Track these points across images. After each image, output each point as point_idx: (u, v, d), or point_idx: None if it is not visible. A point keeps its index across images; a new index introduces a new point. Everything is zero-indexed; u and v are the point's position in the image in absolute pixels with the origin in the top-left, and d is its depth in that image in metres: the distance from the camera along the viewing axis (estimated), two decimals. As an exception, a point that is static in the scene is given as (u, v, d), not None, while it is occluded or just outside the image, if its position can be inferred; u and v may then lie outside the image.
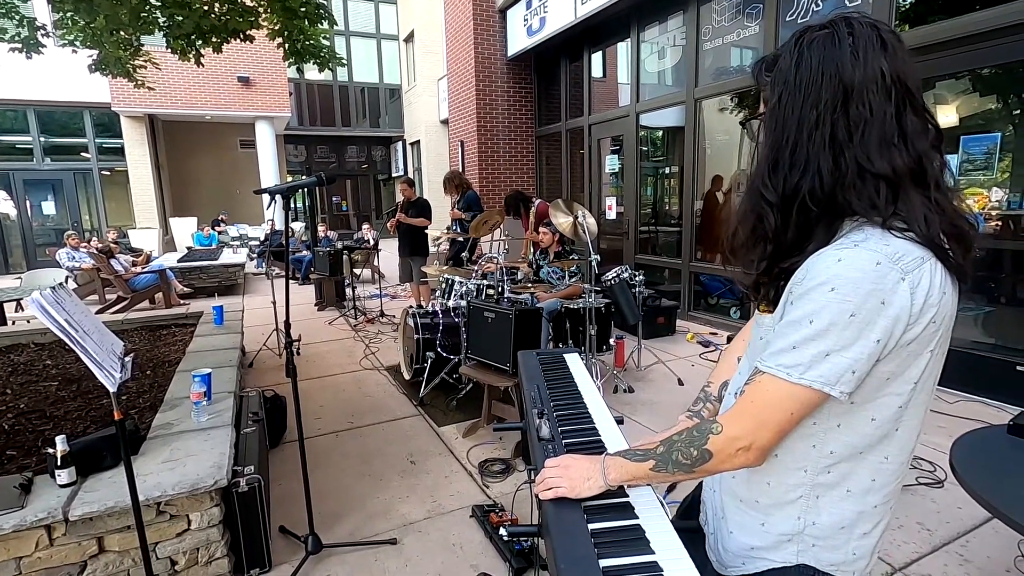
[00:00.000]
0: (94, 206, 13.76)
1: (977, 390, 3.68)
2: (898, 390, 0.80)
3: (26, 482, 1.91)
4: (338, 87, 17.86)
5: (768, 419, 0.81)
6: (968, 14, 3.62)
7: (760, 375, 0.83)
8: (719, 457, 0.85)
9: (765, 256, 0.86)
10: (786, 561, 0.91)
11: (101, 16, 4.20)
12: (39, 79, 11.44)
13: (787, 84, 0.81)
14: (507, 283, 4.06)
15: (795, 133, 0.80)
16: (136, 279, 7.51)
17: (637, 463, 0.94)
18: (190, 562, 2.08)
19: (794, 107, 0.80)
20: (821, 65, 0.78)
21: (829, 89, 0.77)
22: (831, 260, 0.75)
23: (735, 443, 0.83)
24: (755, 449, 0.83)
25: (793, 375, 0.78)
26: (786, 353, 0.79)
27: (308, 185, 2.21)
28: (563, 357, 1.77)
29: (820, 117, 0.78)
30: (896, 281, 0.72)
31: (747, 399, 0.84)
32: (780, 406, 0.80)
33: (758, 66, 0.89)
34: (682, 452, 0.89)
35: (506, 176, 8.80)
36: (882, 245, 0.74)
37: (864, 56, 0.76)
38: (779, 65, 0.83)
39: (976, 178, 3.70)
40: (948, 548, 2.26)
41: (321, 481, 2.84)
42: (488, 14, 8.43)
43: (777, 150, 0.82)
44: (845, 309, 0.73)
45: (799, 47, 0.80)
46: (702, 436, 0.87)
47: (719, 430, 0.85)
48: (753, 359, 0.95)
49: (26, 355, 4.00)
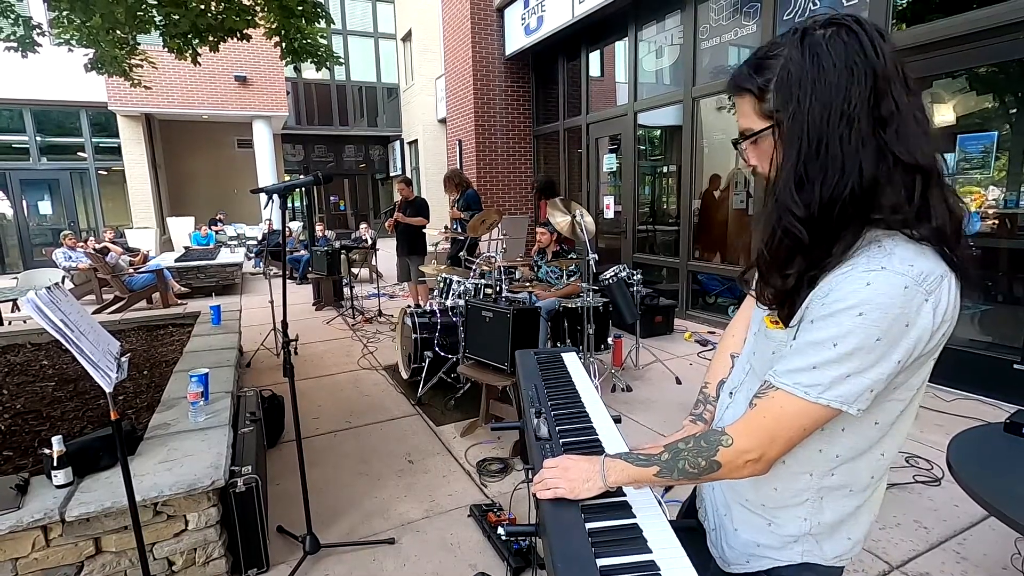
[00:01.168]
0: (91, 206, 13.73)
1: (974, 388, 3.69)
2: (902, 396, 0.82)
3: (22, 483, 1.90)
4: (336, 86, 17.83)
5: (780, 434, 0.82)
6: (964, 13, 3.63)
7: (774, 390, 0.82)
8: (727, 468, 0.86)
9: (796, 271, 0.80)
10: (791, 560, 0.93)
11: (97, 15, 4.19)
12: (35, 78, 11.40)
13: (812, 85, 0.74)
14: (505, 282, 4.06)
15: (826, 136, 0.74)
16: (133, 279, 7.49)
17: (640, 468, 0.93)
18: (187, 562, 2.07)
19: (820, 108, 0.74)
20: (847, 61, 0.73)
21: (860, 84, 0.73)
22: (859, 284, 0.73)
23: (745, 455, 0.84)
24: (764, 461, 0.84)
25: (811, 394, 0.78)
26: (805, 372, 0.78)
27: (305, 184, 2.20)
28: (561, 356, 1.77)
29: (853, 114, 0.73)
30: (921, 303, 0.72)
31: (759, 413, 0.84)
32: (794, 423, 0.80)
33: (746, 78, 0.81)
34: (689, 462, 0.88)
35: (504, 175, 8.80)
36: (907, 267, 0.72)
37: (881, 49, 0.74)
38: (785, 68, 0.76)
39: (973, 177, 3.71)
40: (945, 546, 2.27)
41: (319, 481, 2.83)
42: (486, 13, 8.42)
43: (805, 160, 0.76)
44: (872, 334, 0.73)
45: (809, 46, 0.75)
46: (711, 448, 0.86)
47: (729, 443, 0.85)
48: (759, 367, 0.94)
49: (22, 355, 3.99)
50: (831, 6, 4.50)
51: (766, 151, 0.83)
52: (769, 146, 0.82)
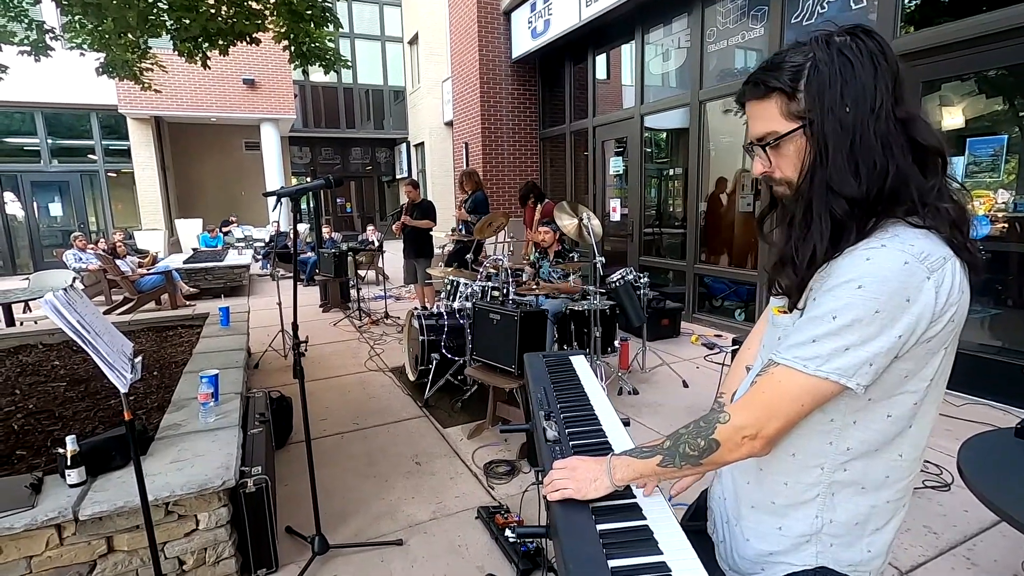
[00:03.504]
0: (100, 208, 13.85)
1: (984, 393, 3.67)
2: (914, 388, 0.82)
3: (36, 482, 1.92)
4: (342, 89, 17.92)
5: (778, 409, 0.82)
6: (974, 16, 3.62)
7: (774, 367, 0.83)
8: (726, 447, 0.85)
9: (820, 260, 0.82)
10: (806, 564, 0.91)
11: (109, 19, 4.23)
12: (47, 82, 11.52)
13: (845, 83, 0.78)
14: (512, 285, 4.07)
15: (860, 131, 0.78)
16: (142, 280, 7.56)
17: (643, 460, 0.94)
18: (198, 562, 2.09)
19: (853, 104, 0.78)
20: (874, 60, 0.78)
21: (884, 80, 0.78)
22: (859, 259, 0.76)
23: (741, 431, 0.84)
24: (761, 438, 0.83)
25: (810, 367, 0.78)
26: (804, 346, 0.79)
27: (316, 188, 2.22)
28: (569, 359, 1.78)
29: (881, 108, 0.78)
30: (922, 279, 0.74)
31: (758, 389, 0.84)
32: (792, 397, 0.81)
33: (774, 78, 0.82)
34: (689, 444, 0.89)
35: (510, 178, 8.81)
36: (908, 245, 0.75)
37: (893, 55, 0.80)
38: (814, 68, 0.79)
39: (982, 180, 3.69)
40: (955, 551, 2.26)
41: (327, 482, 2.85)
42: (493, 16, 8.45)
43: (844, 154, 0.79)
44: (870, 306, 0.74)
45: (838, 49, 0.79)
46: (709, 426, 0.87)
47: (726, 419, 0.85)
48: (767, 357, 0.95)
49: (34, 356, 4.03)
50: (840, 10, 4.49)
51: (790, 154, 0.85)
52: (796, 148, 0.83)
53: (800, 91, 0.81)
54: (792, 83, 0.81)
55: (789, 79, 0.81)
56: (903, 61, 0.81)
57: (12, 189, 12.84)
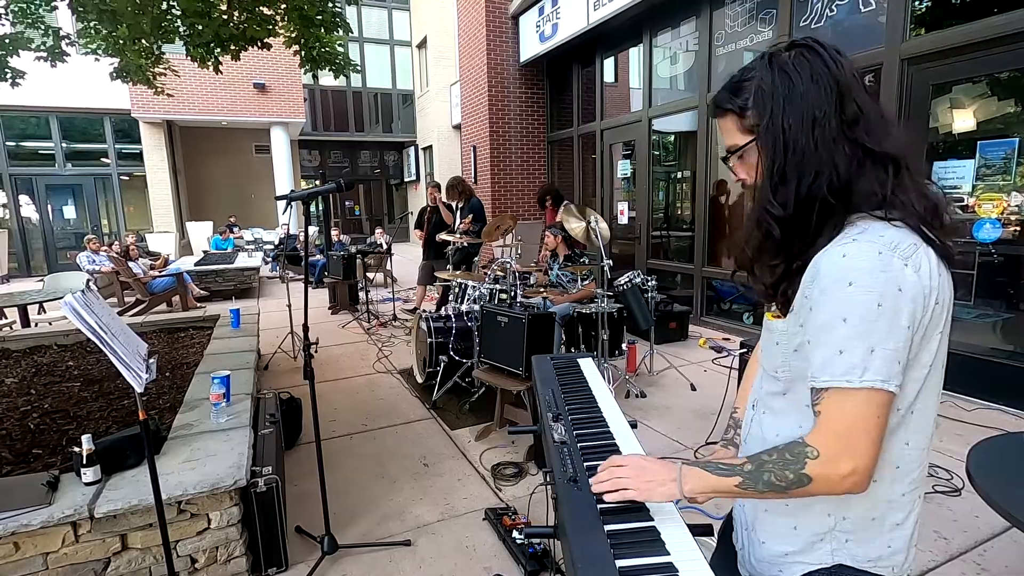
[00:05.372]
0: (113, 210, 14.04)
1: (994, 397, 3.63)
2: (914, 375, 0.82)
3: (53, 480, 1.96)
4: (352, 93, 18.06)
5: (858, 434, 0.79)
6: (985, 18, 3.60)
7: (824, 392, 0.81)
8: (820, 482, 0.81)
9: (780, 263, 0.88)
10: (822, 563, 0.91)
11: (124, 25, 4.31)
12: (62, 87, 11.69)
13: (784, 98, 0.84)
14: (519, 287, 4.08)
15: (800, 139, 0.82)
16: (154, 282, 7.65)
17: (721, 478, 0.89)
18: (209, 560, 2.12)
19: (793, 117, 0.83)
20: (811, 74, 0.83)
21: (826, 93, 0.82)
22: (836, 257, 0.79)
23: (836, 467, 0.80)
24: (860, 473, 0.79)
25: (854, 380, 0.77)
26: (835, 361, 0.78)
27: (328, 191, 2.25)
28: (577, 362, 1.79)
29: (823, 118, 0.82)
30: (900, 267, 0.76)
31: (827, 419, 0.81)
32: (862, 413, 0.78)
33: (727, 100, 0.91)
34: (775, 474, 0.84)
35: (518, 181, 8.84)
36: (877, 236, 0.78)
37: (840, 63, 0.84)
38: (759, 87, 0.86)
39: (994, 183, 3.66)
40: (965, 557, 2.24)
41: (335, 482, 2.87)
42: (500, 20, 8.49)
43: (783, 163, 0.84)
44: (870, 299, 0.75)
45: (778, 67, 0.85)
46: (797, 460, 0.83)
47: (815, 454, 0.81)
48: (766, 363, 0.96)
49: (49, 356, 4.09)
50: (849, 12, 4.48)
51: (752, 163, 0.92)
52: (754, 157, 0.91)
53: (749, 109, 0.88)
54: (741, 104, 0.89)
55: (739, 100, 0.89)
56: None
57: (27, 192, 13.04)
